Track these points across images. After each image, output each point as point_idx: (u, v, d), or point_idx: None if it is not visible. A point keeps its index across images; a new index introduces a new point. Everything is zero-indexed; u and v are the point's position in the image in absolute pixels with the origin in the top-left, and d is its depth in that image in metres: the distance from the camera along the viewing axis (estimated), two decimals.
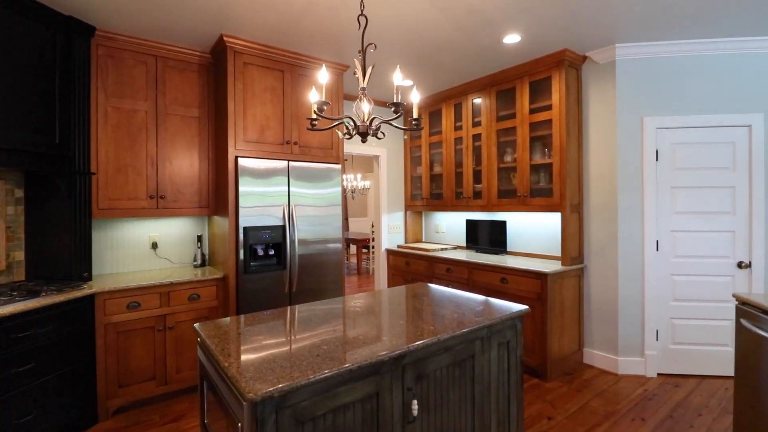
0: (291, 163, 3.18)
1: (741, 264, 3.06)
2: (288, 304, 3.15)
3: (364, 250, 8.25)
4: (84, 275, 2.69)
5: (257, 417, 1.15)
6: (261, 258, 3.03)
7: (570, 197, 3.31)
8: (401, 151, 5.14)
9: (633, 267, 3.21)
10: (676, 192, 3.17)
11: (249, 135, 3.03)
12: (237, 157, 2.95)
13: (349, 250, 9.56)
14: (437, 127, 4.63)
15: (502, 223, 4.03)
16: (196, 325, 1.74)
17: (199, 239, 3.42)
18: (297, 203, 3.21)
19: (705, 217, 3.12)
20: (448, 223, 4.89)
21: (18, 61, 2.28)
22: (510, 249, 4.05)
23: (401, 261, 4.67)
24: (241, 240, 2.94)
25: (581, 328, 3.45)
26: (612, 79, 3.24)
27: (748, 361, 2.04)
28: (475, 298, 2.23)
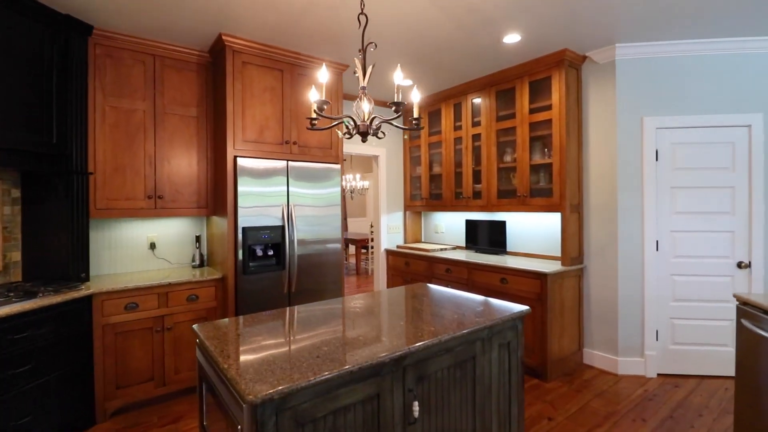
0: (290, 163, 3.17)
1: (741, 264, 3.06)
2: (287, 304, 3.14)
3: (363, 250, 8.23)
4: (81, 276, 2.68)
5: (257, 419, 1.14)
6: (260, 258, 3.02)
7: (570, 197, 3.31)
8: (400, 151, 5.13)
9: (633, 267, 3.21)
10: (675, 192, 3.16)
11: (248, 135, 3.02)
12: (236, 157, 2.93)
13: (348, 250, 9.55)
14: (437, 127, 4.62)
15: (501, 224, 4.03)
16: (194, 326, 1.73)
17: (198, 239, 3.40)
18: (296, 203, 3.20)
19: (705, 217, 3.12)
20: (447, 224, 4.88)
21: (14, 60, 2.26)
22: (510, 249, 4.04)
23: (400, 261, 4.66)
24: (240, 240, 2.92)
25: (581, 328, 3.44)
26: (612, 79, 3.24)
27: (748, 361, 2.04)
28: (475, 298, 2.22)
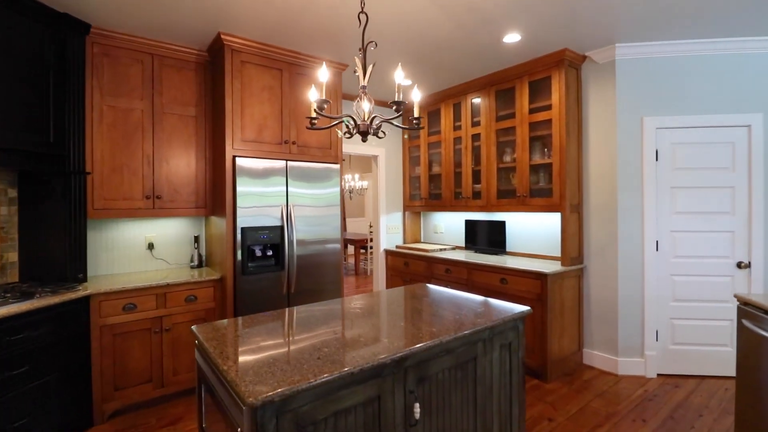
0: (289, 163, 3.15)
1: (740, 264, 3.06)
2: (286, 305, 3.12)
3: (361, 250, 8.22)
4: (79, 276, 2.65)
5: (257, 422, 1.13)
6: (259, 259, 3.00)
7: (570, 197, 3.30)
8: (400, 151, 5.12)
9: (633, 267, 3.21)
10: (675, 192, 3.16)
11: (247, 134, 3.00)
12: (234, 157, 2.92)
13: (347, 250, 9.53)
14: (436, 127, 4.61)
15: (501, 224, 4.02)
16: (193, 328, 1.71)
17: (196, 240, 3.38)
18: (295, 203, 3.18)
19: (704, 217, 3.12)
20: (446, 224, 4.87)
21: (10, 59, 2.24)
22: (509, 249, 4.04)
23: (400, 261, 4.65)
24: (239, 240, 2.90)
25: (581, 328, 3.44)
26: (612, 79, 3.23)
27: (749, 362, 2.04)
28: (475, 298, 2.21)
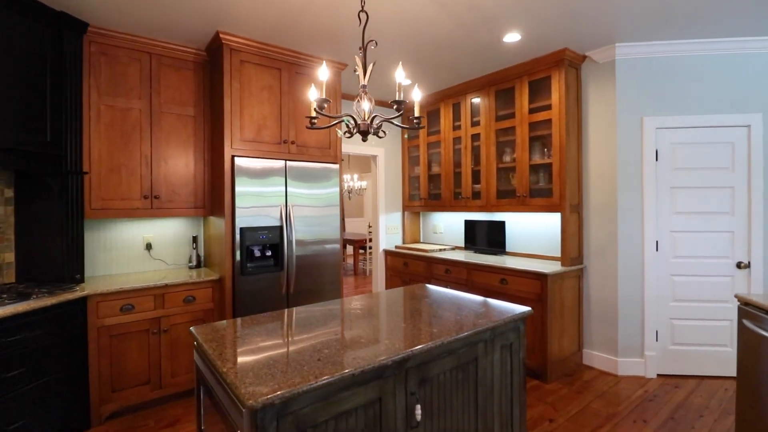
0: (288, 163, 3.14)
1: (740, 264, 3.06)
2: (285, 305, 3.11)
3: (361, 250, 8.21)
4: (76, 277, 2.63)
5: (257, 424, 1.11)
6: (258, 259, 2.98)
7: (569, 197, 3.29)
8: (399, 151, 5.10)
9: (633, 267, 3.20)
10: (675, 192, 3.16)
11: (246, 134, 2.98)
12: (233, 157, 2.90)
13: (346, 250, 9.51)
14: (435, 127, 4.60)
15: (501, 224, 4.01)
16: (192, 329, 1.69)
17: (195, 240, 3.36)
18: (294, 203, 3.17)
19: (704, 218, 3.12)
20: (446, 224, 4.86)
21: (6, 58, 2.22)
22: (509, 249, 4.03)
23: (399, 262, 4.64)
24: (238, 241, 2.89)
25: (581, 328, 3.43)
26: (612, 79, 3.23)
27: (750, 362, 2.03)
28: (476, 299, 2.20)
